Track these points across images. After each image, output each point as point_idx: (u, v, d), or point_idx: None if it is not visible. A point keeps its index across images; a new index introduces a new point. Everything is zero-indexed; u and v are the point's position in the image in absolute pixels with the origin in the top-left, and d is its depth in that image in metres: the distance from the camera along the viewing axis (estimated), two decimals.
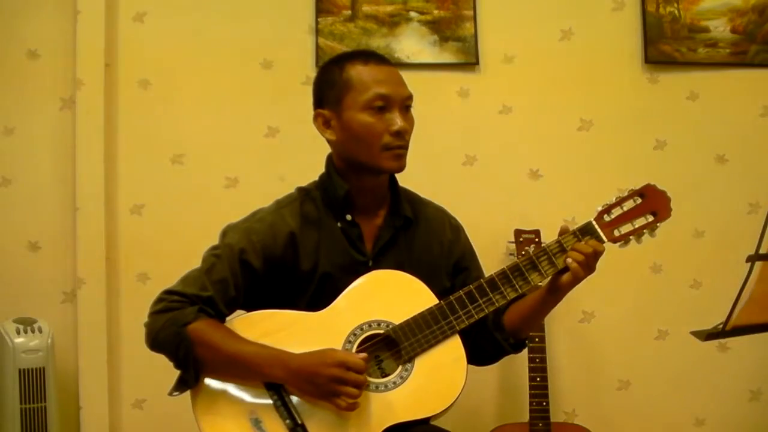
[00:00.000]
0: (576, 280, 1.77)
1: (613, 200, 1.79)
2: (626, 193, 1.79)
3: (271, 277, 1.83)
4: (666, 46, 2.89)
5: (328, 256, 1.85)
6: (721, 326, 1.81)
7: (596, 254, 1.75)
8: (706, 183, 2.91)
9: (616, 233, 1.78)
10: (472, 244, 2.04)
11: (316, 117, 1.89)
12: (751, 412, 2.92)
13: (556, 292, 1.80)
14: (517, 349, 1.93)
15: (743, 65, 2.90)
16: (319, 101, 1.89)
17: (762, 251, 1.76)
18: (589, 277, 1.78)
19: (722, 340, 2.87)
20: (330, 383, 1.67)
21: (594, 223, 1.78)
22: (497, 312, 1.84)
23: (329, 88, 1.85)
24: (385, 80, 1.82)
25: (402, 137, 1.81)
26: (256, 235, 1.83)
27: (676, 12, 2.88)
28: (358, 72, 1.82)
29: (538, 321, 1.94)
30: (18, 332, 2.57)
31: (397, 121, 1.80)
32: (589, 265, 1.75)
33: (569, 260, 1.74)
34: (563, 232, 1.78)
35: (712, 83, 2.91)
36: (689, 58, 2.89)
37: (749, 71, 2.91)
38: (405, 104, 1.84)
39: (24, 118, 2.83)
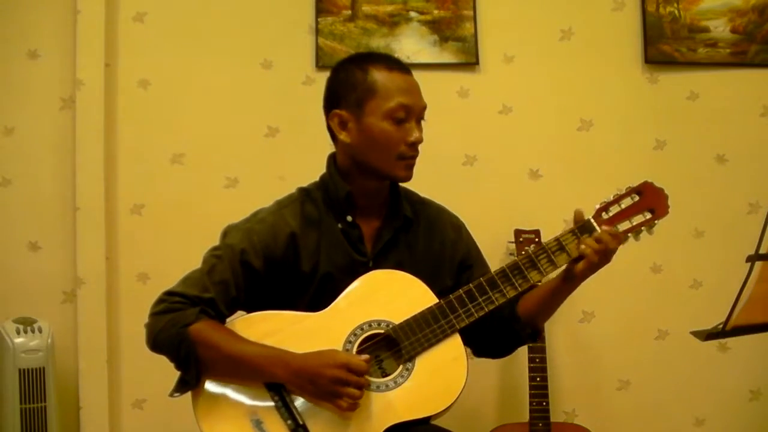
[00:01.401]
0: (592, 268, 1.76)
1: (611, 198, 1.79)
2: (624, 191, 1.80)
3: (272, 277, 1.83)
4: (666, 46, 2.89)
5: (328, 257, 1.85)
6: (721, 326, 1.81)
7: (614, 244, 1.74)
8: (706, 183, 2.91)
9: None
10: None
11: (332, 117, 1.86)
12: (751, 412, 2.92)
13: (571, 281, 1.81)
14: (532, 338, 1.94)
15: (743, 65, 2.90)
16: (336, 101, 1.86)
17: (762, 251, 1.76)
18: (587, 279, 1.78)
19: (722, 340, 2.87)
20: (332, 384, 1.67)
21: (592, 220, 1.78)
22: (511, 303, 1.84)
23: (350, 89, 1.83)
24: (408, 90, 1.82)
25: (416, 148, 1.83)
26: (258, 235, 1.83)
27: (676, 12, 2.88)
28: (383, 78, 1.81)
29: (553, 309, 1.93)
30: (18, 332, 2.57)
31: (414, 133, 1.82)
32: (606, 253, 1.75)
33: (583, 247, 1.74)
34: (578, 220, 1.78)
35: (712, 83, 2.91)
36: (689, 58, 2.89)
37: (749, 71, 2.91)
38: (421, 115, 1.85)
39: (24, 118, 2.83)
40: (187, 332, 1.73)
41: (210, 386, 1.75)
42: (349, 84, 1.84)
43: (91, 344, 2.78)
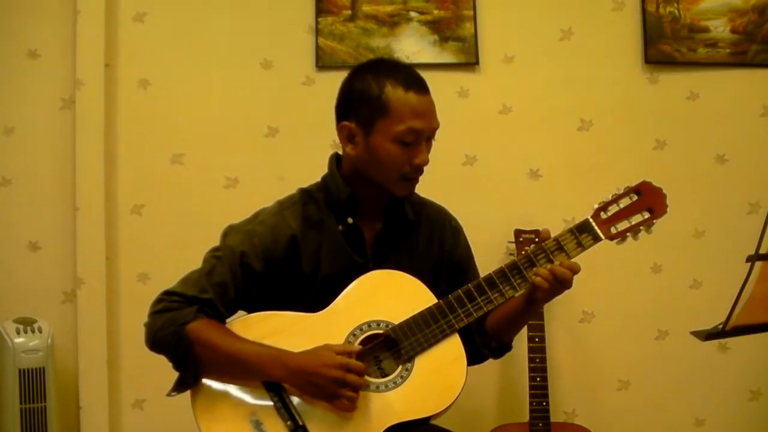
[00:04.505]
0: (549, 297, 1.77)
1: (610, 197, 1.79)
2: (622, 190, 1.80)
3: (272, 279, 1.83)
4: (666, 46, 2.89)
5: (328, 259, 1.85)
6: (721, 326, 1.81)
7: (569, 276, 1.73)
8: (706, 183, 2.91)
9: (613, 230, 1.78)
10: (473, 244, 2.05)
11: (341, 129, 1.84)
12: (751, 412, 2.92)
13: (532, 304, 1.81)
14: (497, 353, 1.94)
15: (743, 65, 2.89)
16: (347, 112, 1.83)
17: (762, 251, 1.76)
18: (589, 273, 1.78)
19: (722, 340, 2.86)
20: (330, 385, 1.67)
21: (591, 220, 1.78)
22: (480, 316, 1.82)
23: (363, 103, 1.79)
24: (422, 113, 1.78)
25: (421, 169, 1.82)
26: (259, 238, 1.82)
27: (676, 12, 2.88)
28: (398, 98, 1.77)
29: (518, 327, 1.93)
30: (18, 332, 2.57)
31: (421, 155, 1.80)
32: (562, 284, 1.74)
33: (537, 279, 1.73)
34: (544, 239, 1.78)
35: (712, 83, 2.91)
36: (689, 58, 2.89)
37: (749, 71, 2.90)
38: (432, 136, 1.83)
39: (24, 118, 2.83)
40: (185, 331, 1.72)
41: (209, 386, 1.75)
42: (362, 97, 1.80)
43: (91, 344, 2.78)
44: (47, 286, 2.82)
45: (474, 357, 1.93)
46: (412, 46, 2.88)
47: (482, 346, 1.91)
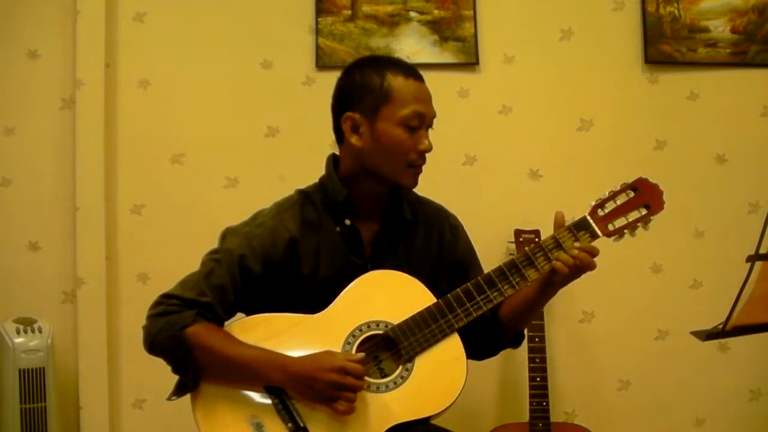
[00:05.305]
0: (567, 281, 1.78)
1: (606, 194, 1.80)
2: (619, 187, 1.80)
3: (271, 281, 1.83)
4: (666, 46, 2.89)
5: (327, 261, 1.85)
6: (721, 326, 1.81)
7: (589, 261, 1.75)
8: (706, 183, 2.91)
9: (611, 227, 1.79)
10: (473, 244, 2.04)
11: (344, 119, 1.84)
12: (751, 412, 2.92)
13: (550, 287, 1.81)
14: (515, 342, 1.96)
15: (743, 65, 2.89)
16: (350, 104, 1.84)
17: (762, 251, 1.76)
18: (589, 273, 1.78)
19: (722, 340, 2.86)
20: (329, 389, 1.67)
21: (588, 217, 1.78)
22: (493, 308, 1.83)
23: (366, 93, 1.82)
24: (423, 99, 1.83)
25: (424, 157, 1.84)
26: (257, 240, 1.83)
27: (676, 12, 2.88)
28: (400, 85, 1.81)
29: (533, 314, 1.94)
30: (18, 332, 2.57)
31: (425, 141, 1.83)
32: (581, 269, 1.75)
33: (558, 264, 1.74)
34: (559, 224, 1.78)
35: (712, 83, 2.91)
36: (689, 58, 2.89)
37: (749, 71, 2.90)
38: (431, 124, 1.86)
39: (24, 118, 2.83)
40: (184, 335, 1.72)
41: (209, 388, 1.75)
42: (364, 88, 1.82)
43: (91, 344, 2.77)
44: (47, 286, 2.82)
45: (491, 349, 1.95)
46: (412, 46, 2.88)
47: (501, 337, 1.92)
